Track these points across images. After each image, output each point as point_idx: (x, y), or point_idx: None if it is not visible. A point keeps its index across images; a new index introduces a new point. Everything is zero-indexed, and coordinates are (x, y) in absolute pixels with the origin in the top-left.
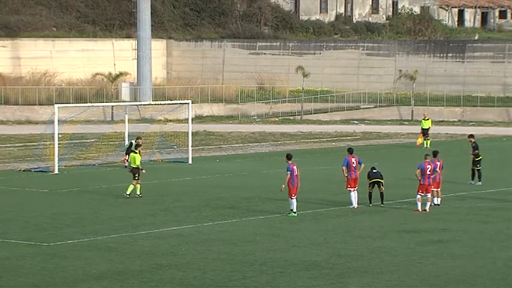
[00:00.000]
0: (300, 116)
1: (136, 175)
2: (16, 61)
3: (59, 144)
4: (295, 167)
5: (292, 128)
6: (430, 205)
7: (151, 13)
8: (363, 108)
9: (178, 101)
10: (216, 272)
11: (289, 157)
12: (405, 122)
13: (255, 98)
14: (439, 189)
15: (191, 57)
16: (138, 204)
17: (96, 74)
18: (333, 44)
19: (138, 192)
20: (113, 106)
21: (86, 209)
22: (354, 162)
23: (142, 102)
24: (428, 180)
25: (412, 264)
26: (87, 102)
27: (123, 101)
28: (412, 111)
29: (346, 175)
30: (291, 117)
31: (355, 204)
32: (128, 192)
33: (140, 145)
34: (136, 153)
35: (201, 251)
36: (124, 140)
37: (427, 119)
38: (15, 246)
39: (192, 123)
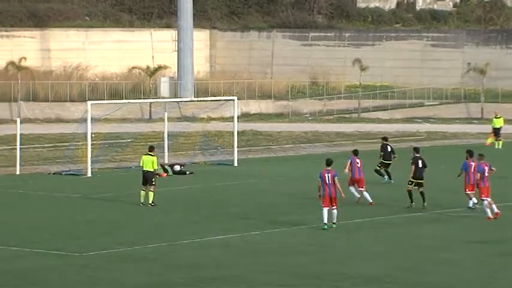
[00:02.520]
0: (357, 114)
1: (153, 180)
2: (46, 53)
3: (92, 144)
4: (328, 175)
5: (349, 127)
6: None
7: (193, 1)
8: (427, 106)
9: (222, 97)
10: (265, 286)
11: (328, 163)
12: (474, 121)
13: (307, 94)
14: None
15: (237, 49)
16: (178, 210)
17: (133, 67)
18: (394, 34)
19: (150, 201)
20: (151, 103)
21: (122, 216)
22: (358, 163)
23: (183, 99)
24: (484, 182)
25: (483, 279)
26: (122, 99)
27: (162, 97)
28: (482, 108)
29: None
30: (347, 116)
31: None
32: (142, 201)
33: (154, 147)
34: (152, 155)
35: (248, 263)
36: (163, 140)
37: (499, 117)
38: (44, 257)
39: (238, 121)
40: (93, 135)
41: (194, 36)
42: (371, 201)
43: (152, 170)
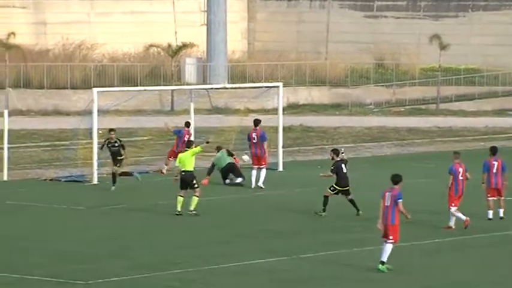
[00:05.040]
0: (435, 105)
1: (195, 182)
2: (41, 28)
3: (99, 143)
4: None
5: (425, 121)
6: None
7: None
8: None
9: (263, 83)
10: None
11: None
12: None
13: (371, 80)
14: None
15: (282, 22)
16: (207, 226)
17: (150, 45)
18: (482, 3)
19: (192, 207)
20: (173, 90)
21: (137, 233)
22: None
23: (214, 85)
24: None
25: None
26: (137, 85)
27: (187, 84)
28: None
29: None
30: (423, 107)
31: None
32: (179, 209)
33: (192, 141)
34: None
35: None
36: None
37: None
38: (38, 285)
39: (283, 114)
40: (100, 132)
41: (228, 6)
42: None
43: (192, 169)
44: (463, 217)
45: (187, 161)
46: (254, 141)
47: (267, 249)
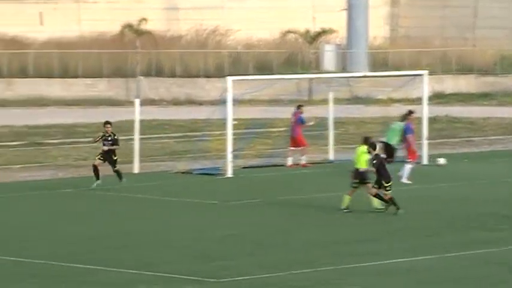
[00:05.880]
0: None
1: (366, 178)
2: (173, 14)
3: (233, 134)
4: None
5: None
6: None
7: None
8: None
9: (407, 71)
10: None
11: None
12: None
13: None
14: None
15: (427, 7)
16: (344, 223)
17: (287, 31)
18: None
19: (376, 205)
20: (310, 79)
21: (272, 229)
22: None
23: (354, 74)
24: None
25: None
26: (273, 73)
27: (326, 72)
28: None
29: None
30: None
31: None
32: (345, 206)
33: (369, 137)
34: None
35: None
36: (327, 129)
37: None
38: (171, 282)
39: (428, 104)
40: (234, 122)
41: None
42: None
43: (365, 168)
44: None
45: (362, 158)
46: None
47: (409, 248)
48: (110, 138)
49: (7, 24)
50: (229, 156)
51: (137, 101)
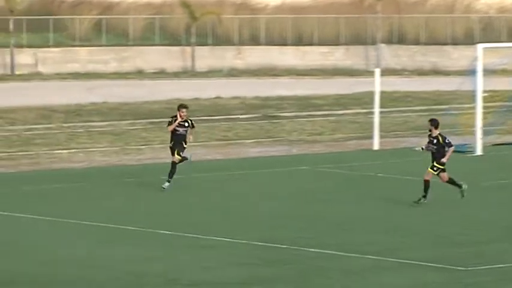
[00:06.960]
0: None
1: None
2: None
3: (484, 108)
4: None
5: None
6: None
7: None
8: None
9: None
10: None
11: None
12: None
13: None
14: None
15: None
16: None
17: None
18: None
19: None
20: None
21: None
22: None
23: None
24: None
25: None
26: None
27: None
28: None
29: None
30: None
31: None
32: None
33: None
34: None
35: None
36: None
37: None
38: (416, 270)
39: None
40: (485, 94)
41: None
42: None
43: None
44: None
45: None
46: None
47: None
48: (186, 124)
49: None
50: (479, 132)
51: (377, 71)
